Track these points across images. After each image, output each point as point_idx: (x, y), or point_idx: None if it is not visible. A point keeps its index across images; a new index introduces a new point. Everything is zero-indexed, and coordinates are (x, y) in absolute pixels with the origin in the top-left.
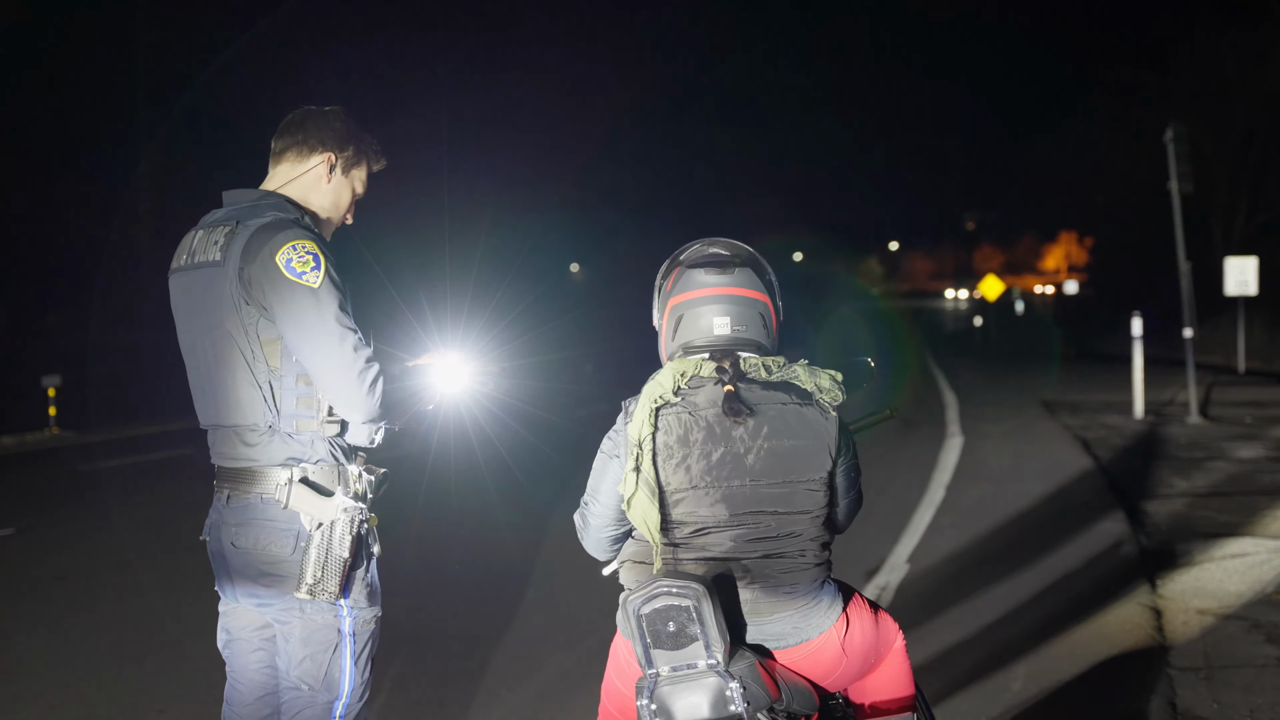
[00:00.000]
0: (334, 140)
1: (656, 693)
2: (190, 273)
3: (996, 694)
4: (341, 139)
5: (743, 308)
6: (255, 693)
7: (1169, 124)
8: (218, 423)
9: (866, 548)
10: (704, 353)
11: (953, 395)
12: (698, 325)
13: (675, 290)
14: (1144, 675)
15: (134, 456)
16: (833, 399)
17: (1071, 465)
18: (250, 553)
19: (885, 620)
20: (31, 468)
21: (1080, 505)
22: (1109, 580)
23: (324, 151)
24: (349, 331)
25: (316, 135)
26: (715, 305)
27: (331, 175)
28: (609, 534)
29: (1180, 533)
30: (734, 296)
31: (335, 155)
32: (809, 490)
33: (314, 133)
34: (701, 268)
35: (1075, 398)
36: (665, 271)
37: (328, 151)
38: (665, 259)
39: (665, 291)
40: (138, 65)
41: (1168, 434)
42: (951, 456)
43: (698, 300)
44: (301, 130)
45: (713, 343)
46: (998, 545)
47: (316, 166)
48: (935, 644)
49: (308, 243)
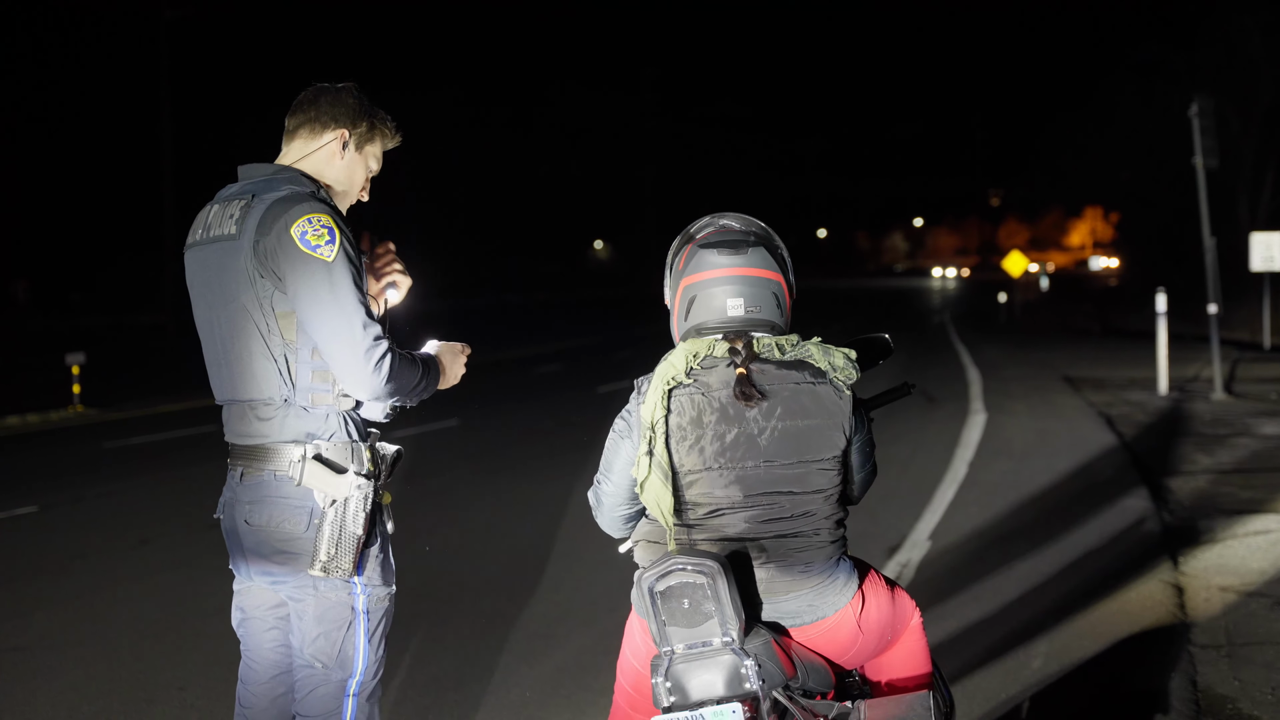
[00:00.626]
0: (346, 116)
1: (671, 670)
2: (205, 247)
3: (1017, 671)
4: (354, 114)
5: (756, 288)
6: (270, 671)
7: (1194, 98)
8: (233, 398)
9: (888, 524)
10: (717, 333)
11: (976, 371)
12: (711, 306)
13: (688, 270)
14: (1165, 652)
15: (157, 434)
16: (846, 378)
17: (1095, 442)
18: (264, 530)
19: (902, 597)
20: (55, 445)
21: (1103, 482)
22: (1131, 557)
23: (337, 128)
24: (359, 307)
25: (329, 112)
26: (728, 286)
27: (345, 151)
28: (622, 512)
29: (1203, 509)
30: (747, 277)
31: (348, 131)
32: (822, 469)
33: (326, 109)
34: (714, 248)
35: (1099, 374)
36: (677, 249)
37: (341, 128)
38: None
39: (678, 270)
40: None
41: (1192, 410)
42: (975, 433)
43: (711, 281)
44: (314, 107)
45: (726, 324)
46: (1020, 522)
47: (330, 143)
48: (956, 621)
49: (323, 216)
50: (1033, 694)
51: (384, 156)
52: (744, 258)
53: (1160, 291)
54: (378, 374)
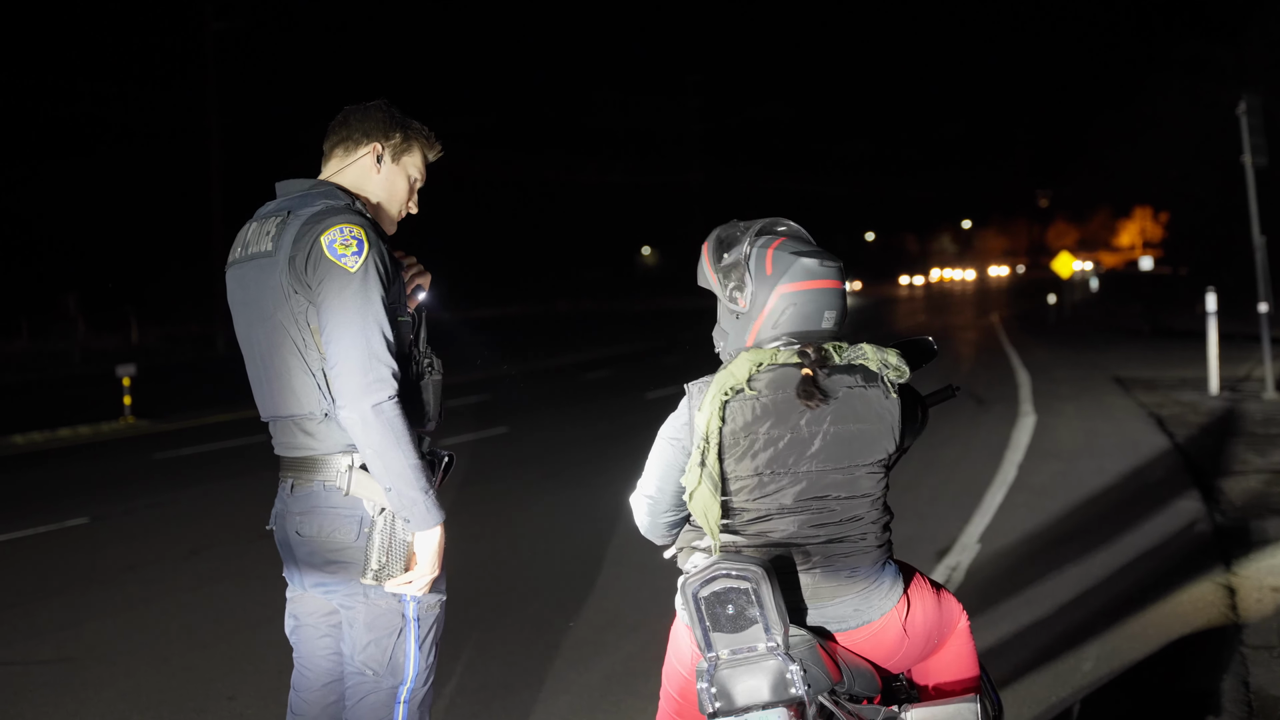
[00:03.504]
0: (378, 129)
1: (716, 676)
2: (244, 265)
3: (1068, 674)
4: (385, 127)
5: (842, 300)
6: (322, 679)
7: (1242, 96)
8: (276, 414)
9: (937, 528)
10: (794, 344)
11: (1025, 373)
12: (807, 315)
13: (786, 278)
14: (1217, 654)
15: (207, 444)
16: (899, 375)
17: (1145, 443)
18: (315, 540)
19: (948, 600)
20: (106, 456)
21: (1154, 483)
22: (1182, 558)
23: (369, 142)
24: (377, 327)
25: (360, 128)
26: (828, 297)
27: (380, 165)
28: (666, 519)
29: (1255, 510)
30: (840, 291)
31: (381, 144)
32: (870, 473)
33: (357, 126)
34: (815, 258)
35: (1149, 374)
36: (756, 253)
37: (373, 141)
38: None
39: (765, 274)
40: (207, 53)
41: (1243, 410)
42: (1024, 435)
43: (815, 292)
44: (345, 126)
45: (816, 334)
46: (1070, 524)
47: (364, 157)
48: (1007, 624)
49: (355, 228)
50: (1084, 697)
51: (425, 167)
52: (837, 271)
53: (1210, 291)
54: (365, 395)
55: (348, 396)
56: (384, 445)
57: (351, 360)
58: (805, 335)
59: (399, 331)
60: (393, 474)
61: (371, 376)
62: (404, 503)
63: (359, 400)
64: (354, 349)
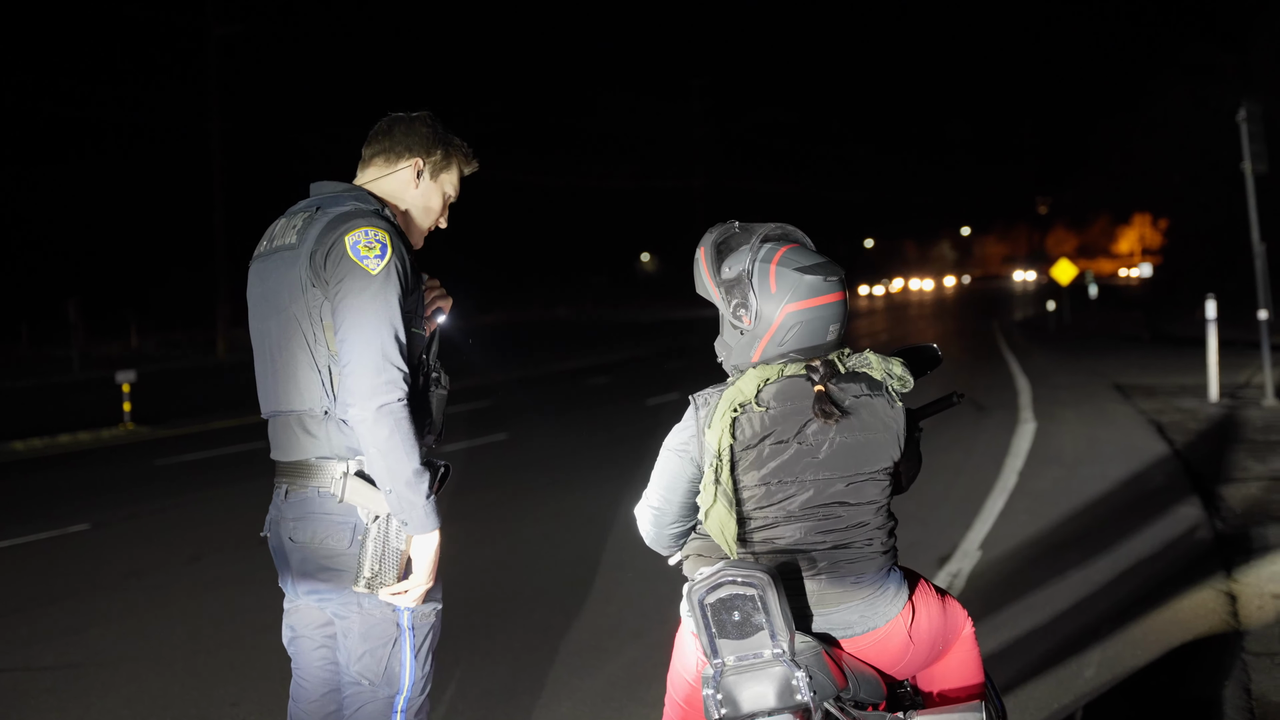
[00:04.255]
0: (420, 145)
1: (722, 682)
2: (268, 258)
3: (1070, 681)
4: (429, 143)
5: (844, 311)
6: (320, 689)
7: (1242, 102)
8: (278, 409)
9: (939, 534)
10: (796, 358)
11: (1025, 380)
12: (814, 332)
13: (791, 296)
14: (1219, 661)
15: (207, 451)
16: (903, 385)
17: (1145, 449)
18: (308, 547)
19: (953, 607)
20: (106, 463)
21: (1154, 490)
22: (1183, 565)
23: (411, 156)
24: (391, 331)
25: (403, 141)
26: (833, 311)
27: (420, 180)
28: (672, 530)
29: (1256, 517)
30: (843, 302)
31: (423, 160)
32: (875, 480)
33: (400, 139)
34: (819, 275)
35: (1149, 381)
36: (759, 268)
37: (415, 157)
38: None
39: (770, 293)
40: (209, 58)
41: (1243, 417)
42: (1024, 442)
43: (821, 309)
44: (388, 137)
45: (822, 347)
46: (1071, 531)
47: (404, 170)
48: (1008, 631)
49: (381, 231)
50: (1086, 703)
51: (460, 183)
52: (840, 284)
53: (1210, 298)
54: (373, 397)
55: (357, 395)
56: (389, 446)
57: (364, 360)
58: (812, 351)
59: (412, 342)
60: (395, 476)
61: (384, 378)
62: (403, 505)
63: (369, 400)
64: (368, 349)
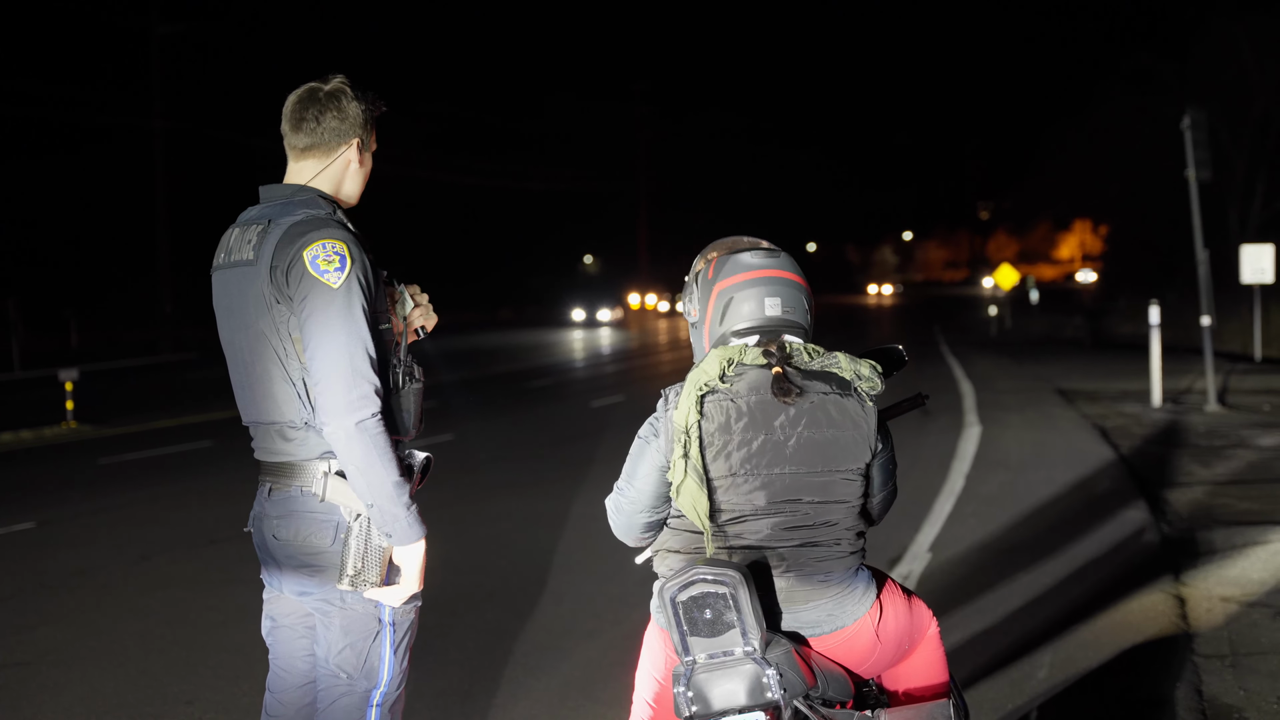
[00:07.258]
0: (353, 125)
1: (693, 680)
2: (228, 271)
3: (1022, 682)
4: (360, 120)
5: (791, 289)
6: (299, 680)
7: (1187, 111)
8: (257, 420)
9: (888, 536)
10: (751, 336)
11: (969, 384)
12: (748, 306)
13: (722, 275)
14: (1169, 663)
15: (151, 450)
16: (871, 387)
17: (1091, 454)
18: (291, 544)
19: (919, 607)
20: (49, 461)
21: (1101, 494)
22: (1132, 568)
23: (350, 139)
24: (359, 343)
25: (336, 129)
26: (766, 286)
27: (361, 155)
28: (643, 520)
29: (1201, 521)
30: (783, 279)
31: (361, 138)
32: (846, 479)
33: (333, 125)
34: (748, 251)
35: (1092, 386)
36: (702, 264)
37: (354, 137)
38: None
39: (707, 279)
40: (152, 57)
41: (1187, 422)
42: (970, 445)
43: (749, 282)
44: (319, 125)
45: (763, 323)
46: (1019, 534)
47: (344, 154)
48: (960, 632)
49: (338, 242)
50: (1040, 704)
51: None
52: (778, 260)
53: (1154, 304)
54: (349, 413)
55: (330, 413)
56: (366, 462)
57: (335, 377)
58: (760, 328)
59: (380, 339)
60: (375, 491)
61: (355, 394)
62: (386, 519)
63: (342, 417)
64: (338, 366)
